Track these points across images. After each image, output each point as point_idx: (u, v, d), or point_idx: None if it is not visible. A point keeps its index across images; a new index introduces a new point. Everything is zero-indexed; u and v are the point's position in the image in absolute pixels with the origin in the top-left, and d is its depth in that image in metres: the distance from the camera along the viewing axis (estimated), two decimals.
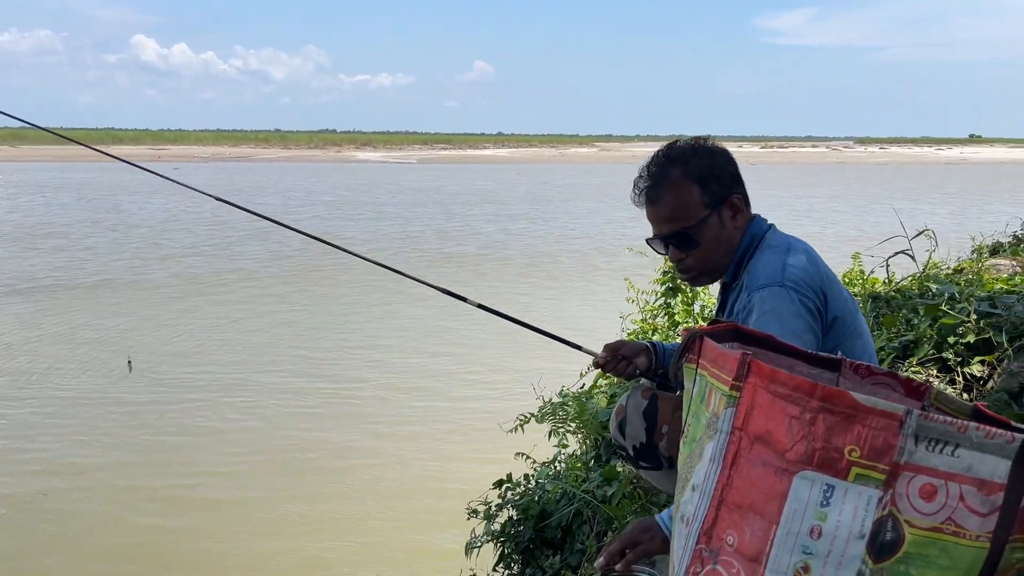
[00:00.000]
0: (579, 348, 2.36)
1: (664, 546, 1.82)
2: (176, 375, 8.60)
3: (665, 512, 1.88)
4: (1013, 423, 1.25)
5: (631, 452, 2.16)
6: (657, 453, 2.10)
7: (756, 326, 1.82)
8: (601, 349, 2.26)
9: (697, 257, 2.06)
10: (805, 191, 35.03)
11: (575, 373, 4.31)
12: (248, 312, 11.67)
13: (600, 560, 1.88)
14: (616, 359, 2.21)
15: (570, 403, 3.90)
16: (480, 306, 2.54)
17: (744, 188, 2.09)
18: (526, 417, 3.88)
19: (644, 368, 2.21)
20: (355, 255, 2.93)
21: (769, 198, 27.93)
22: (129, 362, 8.48)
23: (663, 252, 2.12)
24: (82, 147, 3.62)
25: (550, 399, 4.01)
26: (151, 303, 12.08)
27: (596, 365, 2.28)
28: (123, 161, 3.37)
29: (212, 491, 6.13)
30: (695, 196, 2.01)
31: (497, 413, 5.52)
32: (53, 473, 6.35)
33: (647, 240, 2.14)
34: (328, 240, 2.98)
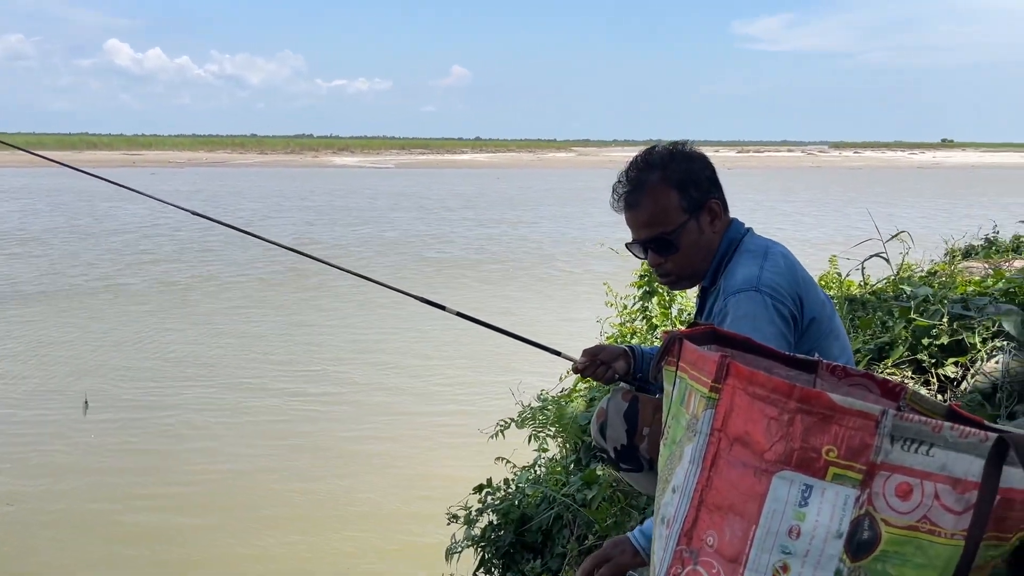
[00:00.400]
0: (558, 354, 2.37)
1: (636, 559, 1.84)
2: (141, 392, 8.44)
3: (637, 529, 1.89)
4: (986, 422, 1.27)
5: (612, 454, 2.17)
6: (638, 455, 2.11)
7: (729, 330, 1.84)
8: (580, 354, 2.27)
9: (676, 262, 2.07)
10: (782, 195, 35.34)
11: (555, 377, 4.33)
12: (226, 320, 11.58)
13: None
14: (595, 364, 2.22)
15: (549, 408, 3.92)
16: (459, 314, 2.54)
17: (722, 192, 2.10)
18: (506, 422, 3.90)
19: (623, 372, 2.22)
20: (331, 265, 2.92)
21: (747, 202, 28.18)
22: (86, 403, 7.98)
23: (642, 257, 2.13)
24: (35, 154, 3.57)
25: (530, 404, 4.02)
26: (114, 313, 11.90)
27: (575, 370, 2.28)
28: (70, 167, 3.31)
29: (177, 514, 5.91)
30: (673, 201, 2.02)
31: (477, 419, 5.52)
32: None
33: (627, 245, 2.15)
34: (301, 250, 2.96)
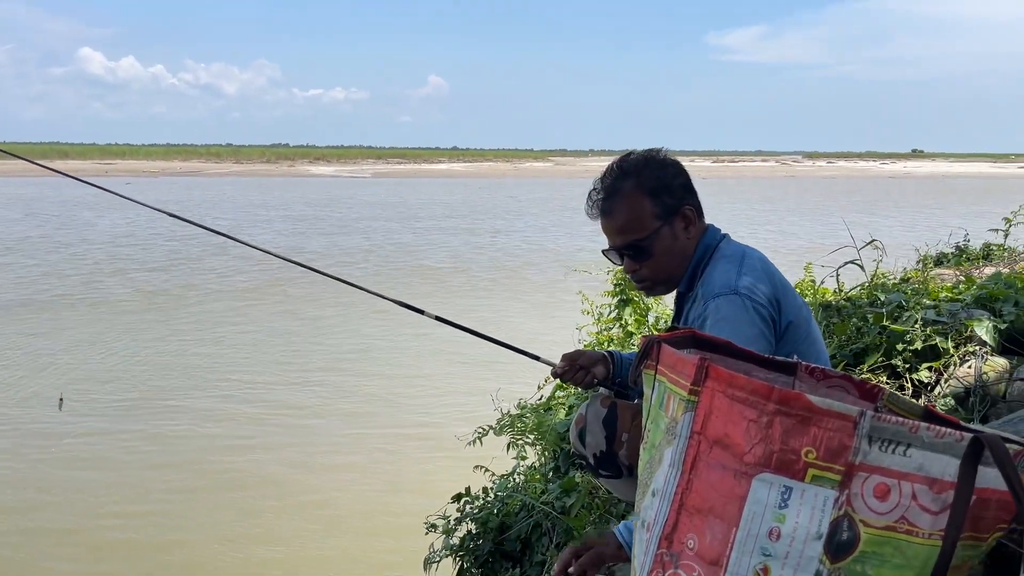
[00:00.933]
0: (537, 359, 2.37)
1: (619, 552, 1.84)
2: (111, 401, 8.31)
3: (622, 524, 1.89)
4: (961, 423, 1.29)
5: (591, 461, 2.16)
6: (617, 461, 2.10)
7: (714, 331, 1.85)
8: (559, 359, 2.27)
9: (651, 268, 2.08)
10: (757, 204, 35.65)
11: (533, 385, 4.32)
12: (205, 329, 11.46)
13: (556, 568, 1.88)
14: (574, 368, 2.22)
15: (528, 415, 3.91)
16: (438, 318, 2.53)
17: (697, 199, 2.12)
18: (484, 430, 3.88)
19: (602, 377, 2.23)
20: (311, 269, 2.90)
21: (722, 211, 28.40)
22: (61, 399, 8.01)
23: (618, 263, 2.14)
24: (25, 162, 3.53)
25: (508, 411, 4.01)
26: (86, 322, 11.73)
27: (554, 375, 2.28)
28: (69, 176, 3.29)
29: (147, 530, 5.76)
30: (647, 208, 2.04)
31: (455, 426, 5.49)
32: None
33: (603, 251, 2.16)
34: (284, 256, 2.94)
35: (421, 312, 2.56)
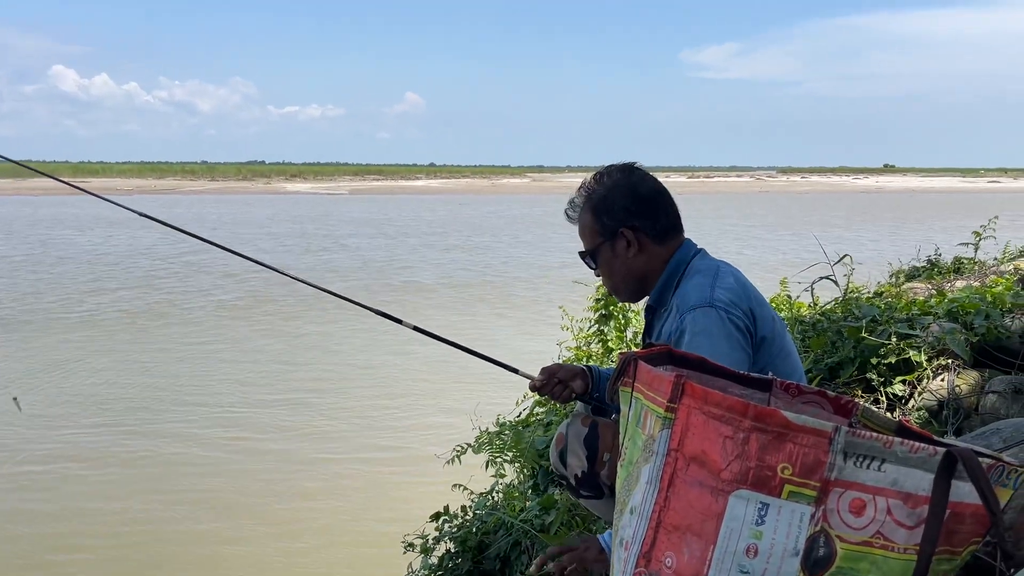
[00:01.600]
0: (516, 371, 2.37)
1: (600, 556, 1.85)
2: (80, 417, 8.19)
3: (607, 532, 1.90)
4: (935, 437, 1.30)
5: (573, 482, 2.15)
6: (599, 482, 2.08)
7: (688, 347, 1.87)
8: (538, 372, 2.28)
9: (601, 276, 2.24)
10: (732, 219, 35.95)
11: (511, 402, 4.31)
12: (183, 346, 11.34)
13: (533, 566, 1.90)
14: (552, 382, 2.23)
15: (507, 432, 3.90)
16: (416, 328, 2.53)
17: (651, 221, 2.12)
18: (463, 448, 3.86)
19: (580, 391, 2.23)
20: (299, 280, 2.87)
21: (699, 226, 28.61)
22: (16, 399, 7.78)
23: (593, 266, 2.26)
24: (44, 177, 3.44)
25: (487, 429, 3.99)
26: (53, 342, 11.57)
27: (533, 388, 2.28)
28: (97, 196, 3.20)
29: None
30: (590, 223, 2.18)
31: (433, 444, 5.46)
32: None
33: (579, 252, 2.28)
34: (282, 270, 2.90)
35: (399, 321, 2.57)
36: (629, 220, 2.12)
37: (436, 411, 8.25)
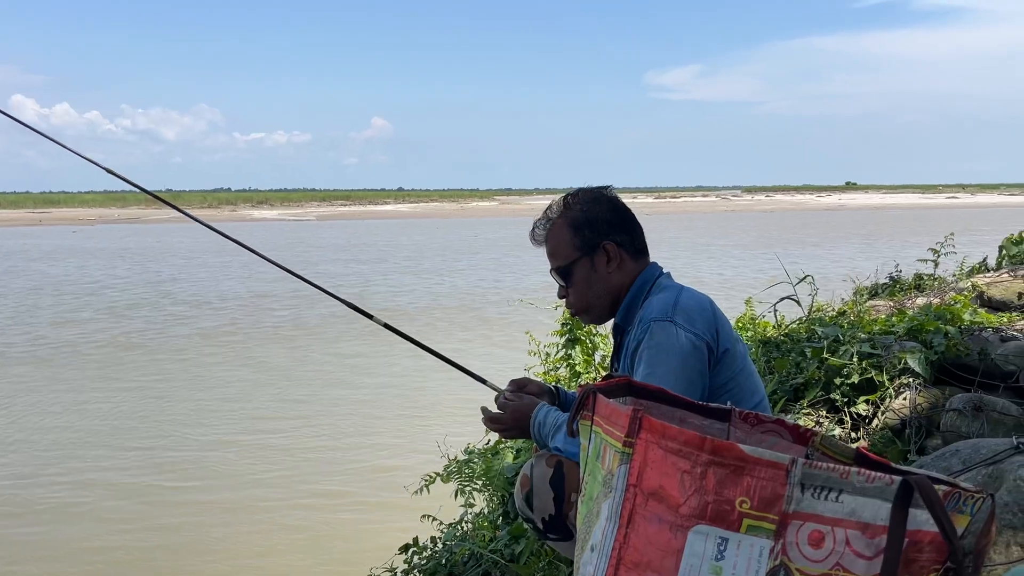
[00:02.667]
0: (484, 382, 2.35)
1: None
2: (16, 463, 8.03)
3: (543, 409, 2.10)
4: (892, 464, 1.30)
5: (540, 525, 2.11)
6: (567, 524, 2.05)
7: (644, 358, 1.90)
8: (506, 384, 2.27)
9: (573, 295, 2.21)
10: (699, 239, 36.29)
11: (481, 430, 4.26)
12: (143, 374, 11.15)
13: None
14: (520, 397, 2.21)
15: (476, 460, 3.86)
16: (386, 325, 2.50)
17: (629, 236, 2.17)
18: (431, 477, 3.81)
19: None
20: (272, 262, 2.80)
21: (665, 246, 28.83)
22: None
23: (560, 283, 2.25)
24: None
25: (455, 457, 3.95)
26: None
27: (488, 421, 2.26)
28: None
29: None
30: (567, 239, 2.17)
31: (402, 474, 5.40)
32: None
33: (550, 271, 2.27)
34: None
35: (370, 317, 2.54)
36: (611, 234, 2.15)
37: (404, 440, 8.16)
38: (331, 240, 39.81)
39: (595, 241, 2.14)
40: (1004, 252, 5.96)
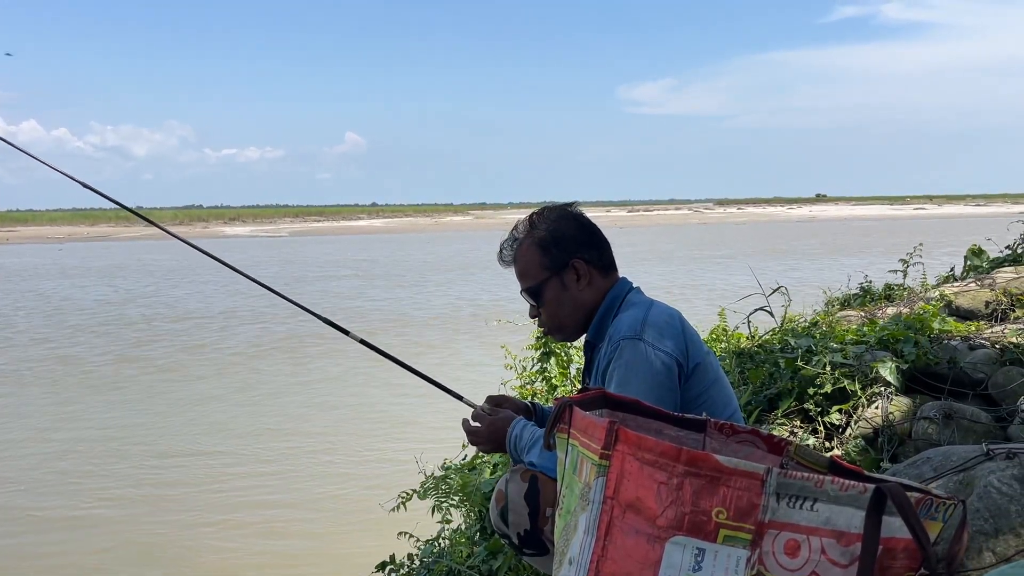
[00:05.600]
0: (460, 398, 2.34)
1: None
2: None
3: (520, 424, 2.09)
4: (866, 472, 1.31)
5: (516, 540, 2.10)
6: (542, 538, 2.04)
7: (615, 376, 1.90)
8: (484, 400, 2.26)
9: (545, 314, 2.20)
10: (670, 252, 36.51)
11: (457, 446, 4.24)
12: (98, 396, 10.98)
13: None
14: (497, 412, 2.21)
15: (453, 476, 3.84)
16: (362, 341, 2.48)
17: (598, 252, 2.18)
18: (408, 494, 3.78)
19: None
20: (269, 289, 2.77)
21: (637, 259, 28.99)
22: None
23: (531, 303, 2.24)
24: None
25: (432, 473, 3.92)
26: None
27: (468, 431, 2.25)
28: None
29: None
30: (536, 259, 2.17)
31: (378, 491, 5.35)
32: None
33: (520, 292, 2.26)
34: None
35: (346, 332, 2.51)
36: (579, 251, 2.15)
37: (379, 458, 8.10)
38: (307, 256, 39.55)
39: (563, 260, 2.14)
40: (968, 262, 6.06)
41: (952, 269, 6.16)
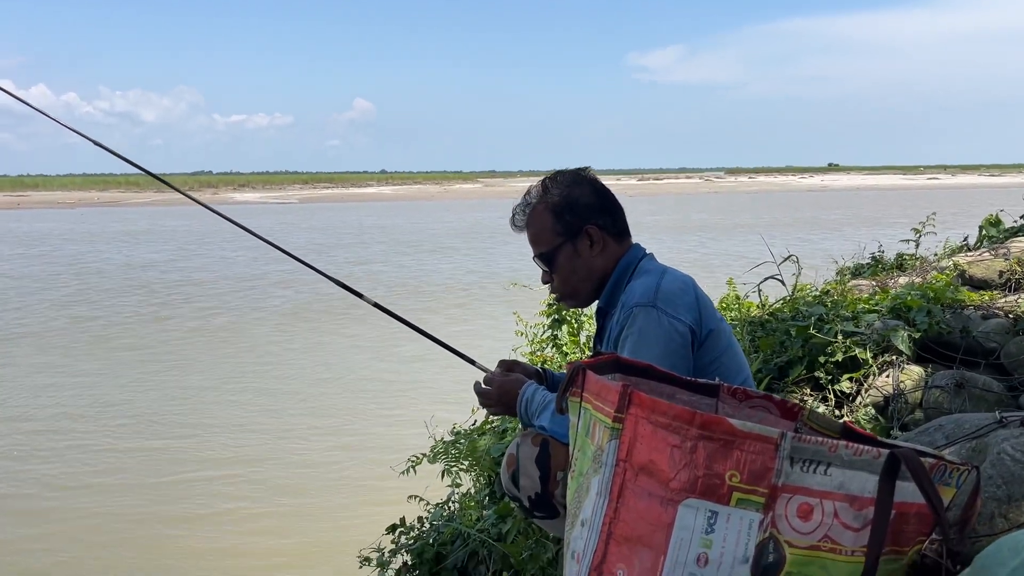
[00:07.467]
0: (473, 362, 2.33)
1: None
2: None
3: (530, 388, 2.08)
4: (879, 438, 1.31)
5: (526, 503, 2.11)
6: (552, 502, 2.05)
7: (627, 343, 1.89)
8: (495, 365, 2.26)
9: (558, 280, 2.18)
10: (680, 220, 36.33)
11: (467, 411, 4.27)
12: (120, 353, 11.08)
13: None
14: (508, 376, 2.21)
15: (462, 441, 3.86)
16: (376, 305, 2.47)
17: (611, 218, 2.15)
18: (418, 458, 3.81)
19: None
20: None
21: (648, 226, 28.88)
22: None
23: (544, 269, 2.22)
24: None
25: (442, 438, 3.95)
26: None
27: (478, 392, 2.26)
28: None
29: None
30: (549, 224, 2.14)
31: (388, 455, 5.39)
32: None
33: (532, 258, 2.24)
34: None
35: (360, 295, 2.51)
36: (593, 217, 2.12)
37: (390, 421, 8.17)
38: (318, 223, 39.52)
39: (577, 225, 2.11)
40: (984, 232, 6.01)
41: (966, 239, 6.10)
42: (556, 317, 5.06)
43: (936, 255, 5.52)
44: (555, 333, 5.07)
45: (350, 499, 6.41)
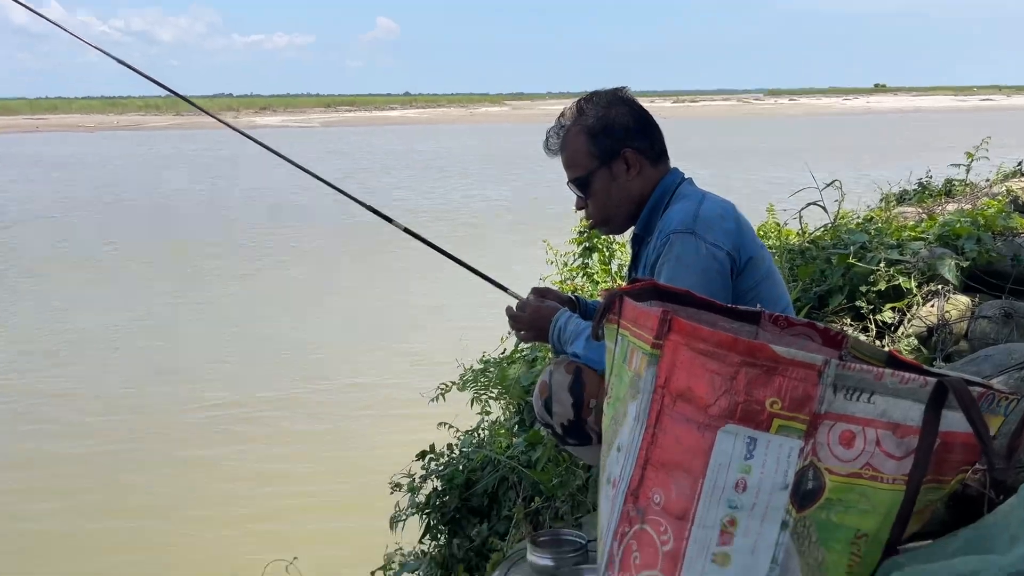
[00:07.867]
0: (505, 289, 2.31)
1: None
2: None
3: (564, 315, 2.06)
4: (925, 367, 1.27)
5: (559, 430, 2.11)
6: (586, 429, 2.04)
7: (664, 270, 1.85)
8: (528, 292, 2.24)
9: (593, 205, 2.12)
10: (717, 146, 35.60)
11: (496, 339, 4.25)
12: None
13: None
14: (542, 302, 2.19)
15: (492, 369, 3.87)
16: (406, 230, 2.46)
17: (649, 141, 2.08)
18: (447, 386, 3.82)
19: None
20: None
21: (682, 154, 28.28)
22: None
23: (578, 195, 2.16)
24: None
25: (471, 366, 3.96)
26: None
27: (510, 315, 2.24)
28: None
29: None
30: (584, 147, 2.07)
31: (418, 382, 5.44)
32: None
33: (567, 183, 2.18)
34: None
35: (390, 220, 2.49)
36: (630, 141, 2.05)
37: (419, 350, 8.20)
38: (342, 147, 39.27)
39: (613, 148, 2.04)
40: None
41: (1020, 163, 5.88)
42: (587, 245, 5.01)
43: (988, 181, 5.34)
44: (586, 261, 5.03)
45: (378, 426, 6.52)
